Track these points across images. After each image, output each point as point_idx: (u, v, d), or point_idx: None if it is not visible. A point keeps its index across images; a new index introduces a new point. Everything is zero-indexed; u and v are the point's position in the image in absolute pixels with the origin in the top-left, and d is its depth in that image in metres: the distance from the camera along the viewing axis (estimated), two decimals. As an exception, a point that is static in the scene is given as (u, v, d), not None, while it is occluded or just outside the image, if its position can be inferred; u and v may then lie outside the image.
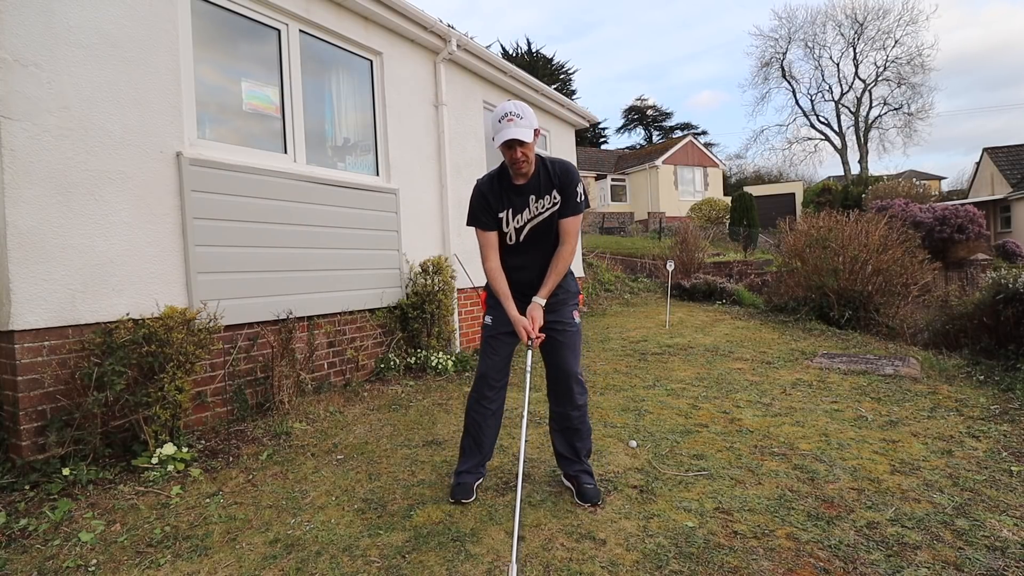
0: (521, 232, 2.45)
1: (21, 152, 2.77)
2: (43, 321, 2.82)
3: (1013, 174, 22.24)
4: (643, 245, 17.10)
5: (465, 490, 2.53)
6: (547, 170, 2.42)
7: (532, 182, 2.41)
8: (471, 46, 6.08)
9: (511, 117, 2.25)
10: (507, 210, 2.43)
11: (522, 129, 2.24)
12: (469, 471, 2.60)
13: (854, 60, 34.08)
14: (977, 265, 14.36)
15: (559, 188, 2.40)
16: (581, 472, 2.55)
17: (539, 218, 2.42)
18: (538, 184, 2.41)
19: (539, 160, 2.42)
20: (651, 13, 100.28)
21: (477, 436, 2.59)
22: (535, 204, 2.41)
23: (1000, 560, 1.98)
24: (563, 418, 2.56)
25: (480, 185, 2.49)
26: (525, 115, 2.27)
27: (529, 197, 2.41)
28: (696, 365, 5.24)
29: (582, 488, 2.49)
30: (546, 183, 2.40)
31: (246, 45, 4.18)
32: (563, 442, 2.59)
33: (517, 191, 2.41)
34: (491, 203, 2.43)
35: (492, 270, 2.46)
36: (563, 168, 2.43)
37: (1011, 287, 5.53)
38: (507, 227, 2.45)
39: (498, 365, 2.55)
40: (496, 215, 2.44)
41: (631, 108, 43.54)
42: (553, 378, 2.56)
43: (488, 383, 2.55)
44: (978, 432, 3.30)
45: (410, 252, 5.31)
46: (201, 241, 3.53)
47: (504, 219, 2.44)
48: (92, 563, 2.11)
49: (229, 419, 3.66)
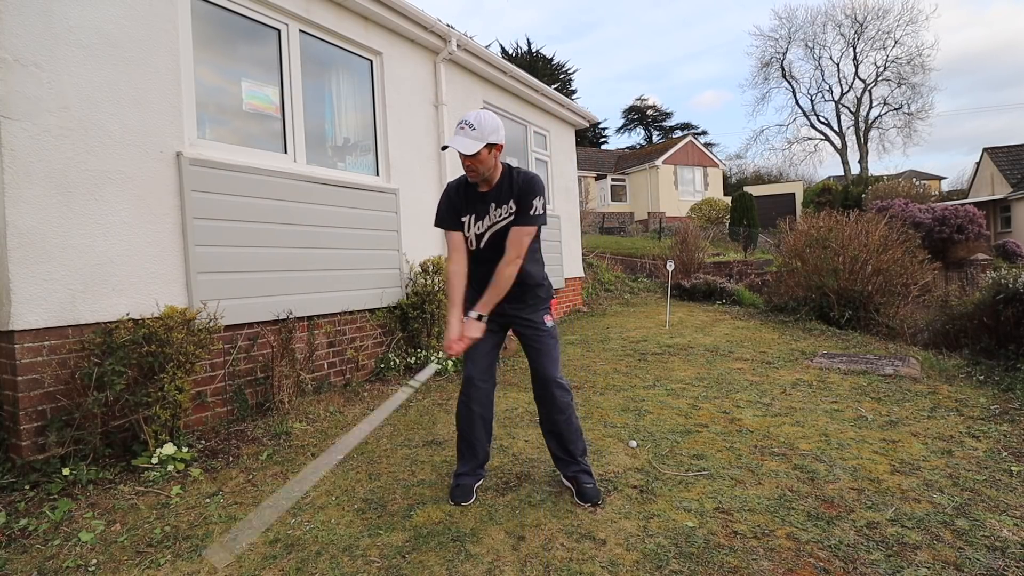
0: (481, 239, 2.46)
1: (21, 152, 2.77)
2: (43, 321, 2.82)
3: (1013, 174, 22.24)
4: (643, 245, 17.11)
5: (464, 492, 2.54)
6: (511, 180, 2.42)
7: (495, 190, 2.42)
8: (471, 46, 6.08)
9: (463, 125, 2.27)
10: (470, 215, 2.46)
11: (467, 140, 2.24)
12: (468, 473, 2.60)
13: (854, 60, 34.09)
14: (977, 265, 14.36)
15: (516, 198, 2.39)
16: (579, 472, 2.56)
17: (497, 226, 2.43)
18: (499, 193, 2.42)
19: (507, 170, 2.44)
20: (651, 13, 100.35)
21: (470, 439, 2.59)
22: (494, 212, 2.42)
23: (1000, 560, 1.98)
24: (550, 422, 2.58)
25: (448, 187, 2.55)
26: (479, 126, 2.25)
27: (490, 204, 2.43)
28: (696, 365, 5.24)
29: (582, 488, 2.50)
30: (507, 192, 2.41)
31: (246, 45, 4.18)
32: (556, 444, 2.61)
33: (481, 198, 2.44)
34: (455, 205, 2.48)
35: (450, 273, 2.48)
36: (526, 179, 2.41)
37: (1011, 287, 5.53)
38: (468, 232, 2.47)
39: (482, 366, 2.57)
40: (459, 218, 2.48)
41: (631, 108, 43.57)
42: (535, 383, 2.58)
43: (474, 385, 2.57)
44: (978, 432, 3.30)
45: (410, 252, 5.31)
46: (201, 241, 3.53)
47: (466, 223, 2.47)
48: (92, 563, 2.11)
49: (229, 419, 3.66)
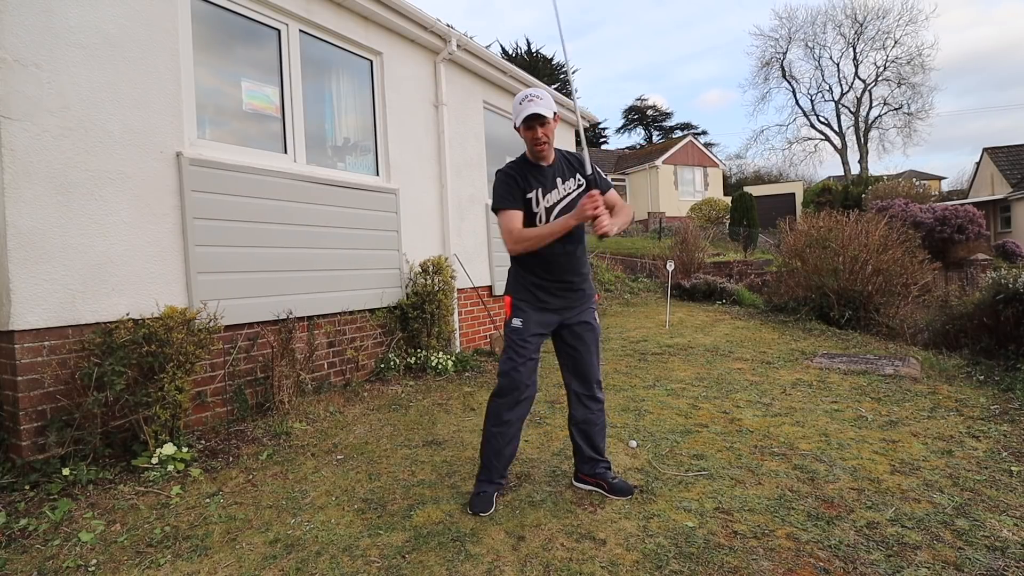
0: (551, 212, 2.44)
1: (21, 152, 2.77)
2: (43, 321, 2.82)
3: (1013, 174, 22.24)
4: (643, 245, 17.10)
5: (485, 502, 2.44)
6: (565, 157, 2.53)
7: (555, 165, 2.48)
8: (471, 46, 6.08)
9: (531, 98, 2.31)
10: (536, 189, 2.44)
11: (542, 107, 2.29)
12: (491, 481, 2.52)
13: (854, 60, 34.08)
14: (977, 265, 14.35)
15: (582, 168, 2.46)
16: (606, 469, 2.58)
17: (568, 198, 2.46)
18: (561, 167, 2.49)
19: (555, 150, 2.49)
20: (652, 13, 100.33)
21: (500, 448, 2.48)
22: (563, 185, 2.47)
23: (1000, 560, 1.98)
24: (586, 421, 2.57)
25: (505, 169, 2.50)
26: (544, 97, 2.33)
27: (556, 179, 2.46)
28: (696, 365, 5.23)
29: (612, 484, 2.52)
30: (567, 167, 2.50)
31: (246, 45, 4.18)
32: (586, 443, 2.59)
33: (543, 172, 2.46)
34: (519, 183, 2.43)
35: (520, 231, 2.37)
36: (577, 155, 2.53)
37: (1011, 287, 5.53)
38: (537, 207, 2.44)
39: (531, 369, 2.49)
40: (525, 195, 2.43)
41: (631, 108, 43.54)
42: (575, 378, 2.57)
43: (519, 389, 2.45)
44: (978, 432, 3.30)
45: (410, 252, 5.31)
46: (201, 241, 3.53)
47: (534, 199, 2.43)
48: (92, 563, 2.11)
49: (229, 419, 3.65)
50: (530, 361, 2.48)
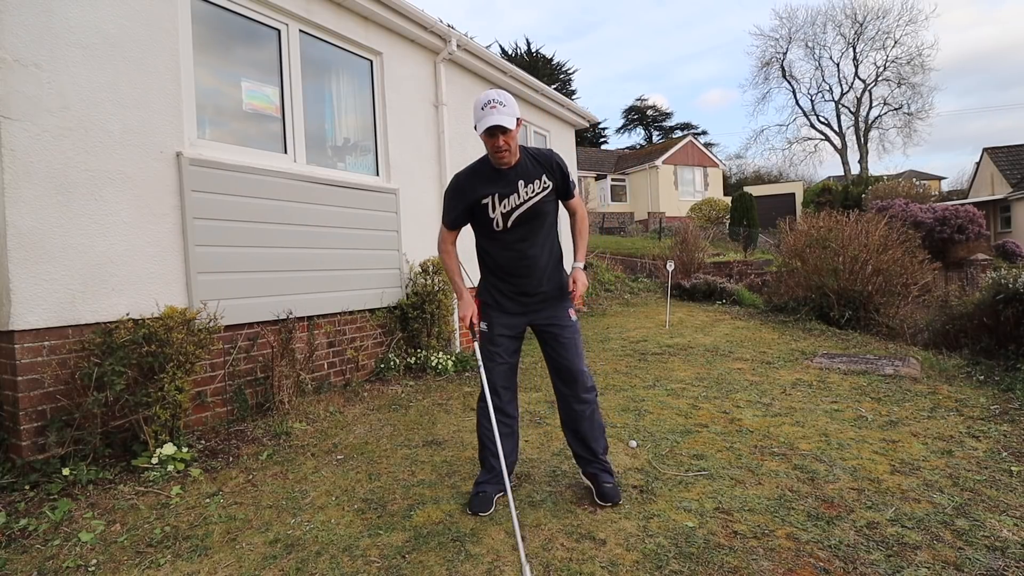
0: (508, 218, 2.39)
1: (21, 152, 2.77)
2: (43, 321, 2.82)
3: (1013, 174, 22.24)
4: (643, 245, 17.11)
5: (484, 502, 2.42)
6: (532, 157, 2.44)
7: (518, 168, 2.39)
8: (471, 46, 6.08)
9: (494, 104, 2.23)
10: (492, 195, 2.39)
11: (505, 116, 2.22)
12: (490, 482, 2.50)
13: (854, 60, 34.10)
14: (977, 265, 14.35)
15: (550, 172, 2.43)
16: (600, 471, 2.52)
17: (530, 202, 2.39)
18: (524, 169, 2.39)
19: (522, 149, 2.43)
20: (652, 13, 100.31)
21: (494, 450, 2.41)
22: (524, 189, 2.38)
23: (1000, 560, 1.98)
24: (572, 418, 2.53)
25: (456, 178, 2.47)
26: (507, 103, 2.25)
27: (518, 183, 2.38)
28: (696, 365, 5.23)
29: (601, 487, 2.46)
30: (534, 169, 2.41)
31: (246, 45, 4.18)
32: (576, 441, 2.56)
33: (502, 176, 2.38)
34: (467, 193, 2.41)
35: (447, 251, 2.54)
36: (547, 154, 2.47)
37: (1011, 287, 5.52)
38: (493, 212, 2.39)
39: (504, 372, 2.48)
40: (479, 201, 2.39)
41: (631, 108, 43.54)
42: (558, 378, 2.53)
43: (496, 393, 2.45)
44: (978, 432, 3.30)
45: (410, 252, 5.31)
46: (201, 241, 3.53)
47: (489, 204, 2.39)
48: (92, 563, 2.11)
49: (229, 419, 3.65)
50: (502, 364, 2.47)
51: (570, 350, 2.47)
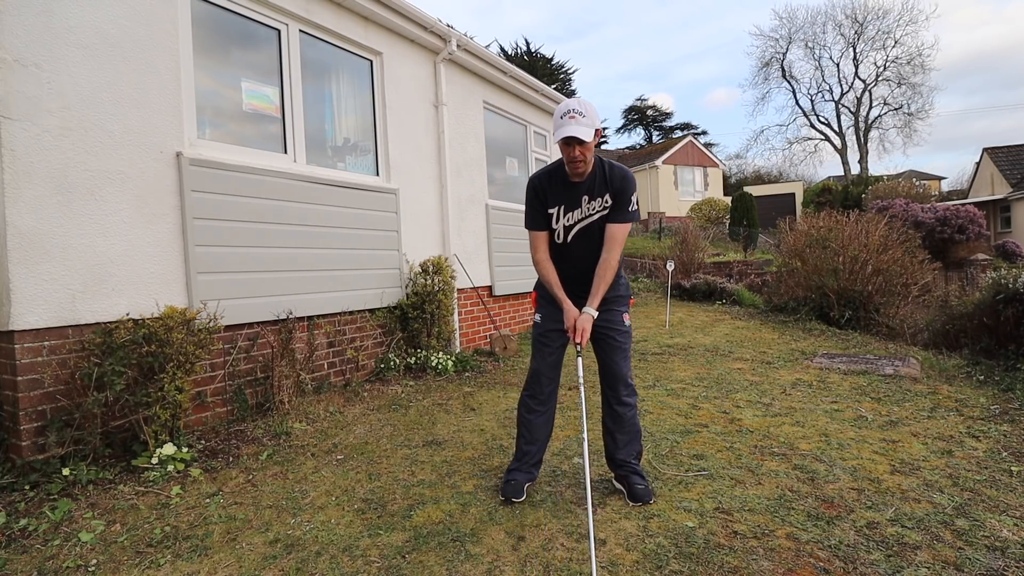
0: (570, 231, 2.43)
1: (21, 152, 2.77)
2: (43, 321, 2.82)
3: (1013, 174, 22.25)
4: (643, 245, 17.11)
5: (515, 489, 2.50)
6: (604, 173, 2.40)
7: (587, 182, 2.39)
8: (471, 46, 6.08)
9: (573, 114, 2.22)
10: (559, 206, 2.41)
11: (583, 128, 2.21)
12: (520, 470, 2.58)
13: (854, 60, 34.07)
14: (977, 265, 14.35)
15: (613, 193, 2.38)
16: (631, 472, 2.55)
17: (589, 219, 2.41)
18: (593, 185, 2.39)
19: (598, 162, 2.40)
20: (653, 13, 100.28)
21: (529, 437, 2.58)
22: (587, 204, 2.39)
23: (1000, 560, 1.98)
24: (613, 420, 2.58)
25: (533, 180, 2.47)
26: (588, 113, 2.24)
27: (583, 197, 2.39)
28: (696, 365, 5.23)
29: (633, 488, 2.49)
30: (601, 185, 2.39)
31: (246, 45, 4.18)
32: (613, 442, 2.60)
33: (572, 188, 2.40)
34: (541, 198, 2.43)
35: (540, 261, 2.49)
36: (622, 174, 2.41)
37: (1011, 287, 5.52)
38: (556, 224, 2.42)
39: (551, 363, 2.55)
40: (547, 210, 2.42)
41: (631, 108, 43.49)
42: (604, 379, 2.58)
43: (540, 382, 2.54)
44: (978, 432, 3.30)
45: (410, 252, 5.31)
46: (201, 241, 3.53)
47: (555, 215, 2.42)
48: (92, 563, 2.11)
49: (229, 419, 3.65)
50: (551, 356, 2.54)
51: (618, 353, 2.52)
